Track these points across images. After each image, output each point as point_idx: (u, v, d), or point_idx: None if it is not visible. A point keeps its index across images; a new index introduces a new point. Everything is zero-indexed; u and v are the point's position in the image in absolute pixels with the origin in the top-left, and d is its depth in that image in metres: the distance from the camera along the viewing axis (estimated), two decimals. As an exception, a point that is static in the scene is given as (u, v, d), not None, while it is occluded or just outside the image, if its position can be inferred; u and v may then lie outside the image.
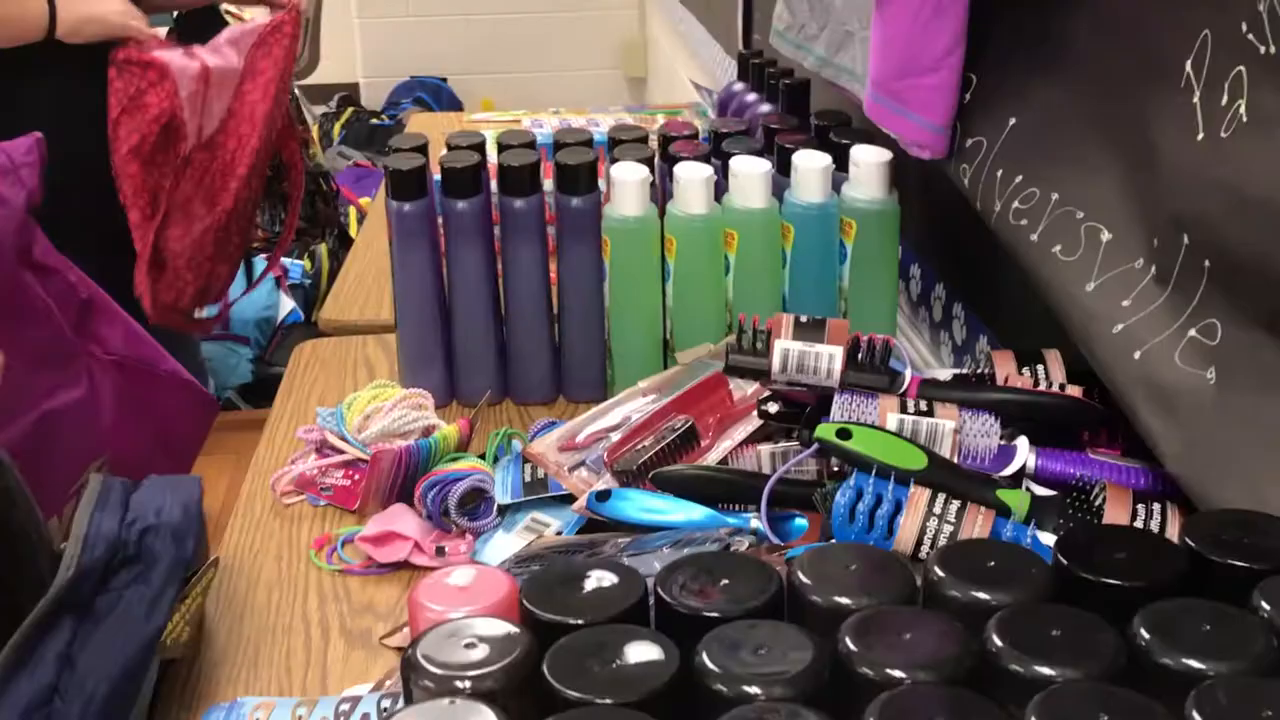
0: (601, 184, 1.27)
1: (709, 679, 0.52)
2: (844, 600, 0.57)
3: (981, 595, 0.57)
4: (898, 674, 0.52)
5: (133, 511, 0.91)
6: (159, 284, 1.88)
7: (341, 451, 1.18)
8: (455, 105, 4.21)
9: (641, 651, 0.54)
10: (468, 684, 0.53)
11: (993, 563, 0.60)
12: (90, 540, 0.85)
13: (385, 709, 0.82)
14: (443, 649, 0.55)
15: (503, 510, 1.10)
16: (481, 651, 0.55)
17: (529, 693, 0.54)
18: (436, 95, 4.21)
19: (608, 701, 0.52)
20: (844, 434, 0.81)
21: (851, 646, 0.53)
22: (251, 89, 1.85)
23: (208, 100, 1.80)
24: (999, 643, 0.53)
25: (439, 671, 0.53)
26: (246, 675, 0.94)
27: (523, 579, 0.62)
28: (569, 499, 1.08)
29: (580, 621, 0.57)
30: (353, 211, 2.92)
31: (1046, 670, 0.52)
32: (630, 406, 1.17)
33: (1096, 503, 0.80)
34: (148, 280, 1.86)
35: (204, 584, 0.96)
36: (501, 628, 0.56)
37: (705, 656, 0.53)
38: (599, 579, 0.60)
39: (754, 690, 0.51)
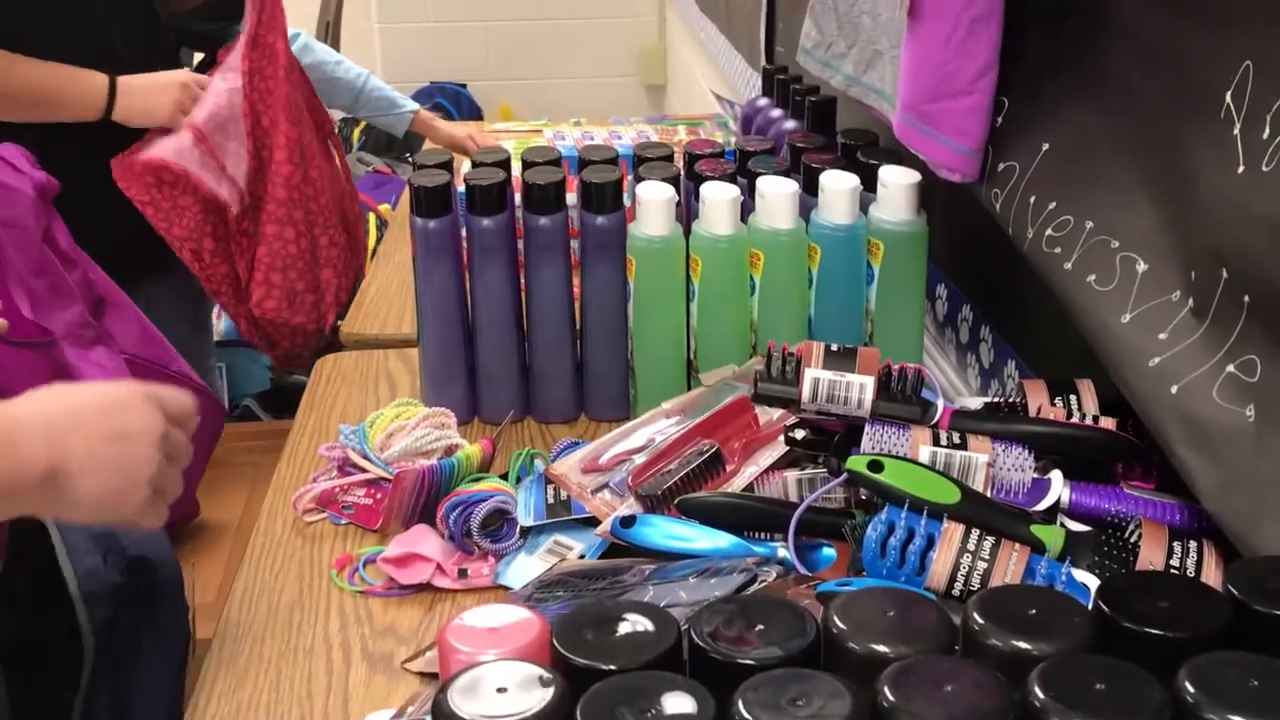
0: (625, 198, 1.26)
1: (746, 731, 0.51)
2: (882, 648, 0.56)
3: (1023, 644, 0.56)
4: (938, 727, 0.51)
5: (105, 546, 0.89)
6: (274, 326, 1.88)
7: (364, 470, 1.18)
8: (474, 111, 4.21)
9: (676, 701, 0.53)
10: (499, 731, 0.52)
11: (1033, 610, 0.59)
12: (90, 599, 0.81)
13: None
14: (473, 694, 0.54)
15: (525, 532, 1.09)
16: (513, 698, 0.54)
17: (562, 740, 0.53)
18: (456, 101, 4.21)
19: (642, 753, 0.51)
20: (875, 466, 0.80)
21: (891, 698, 0.52)
22: (267, 95, 1.84)
23: (220, 148, 1.79)
24: (1042, 695, 0.52)
25: (471, 718, 0.53)
26: (268, 699, 0.94)
27: (554, 621, 0.61)
28: (592, 522, 1.08)
29: (613, 667, 0.56)
30: (372, 218, 2.91)
31: (1091, 726, 0.51)
32: (654, 428, 1.16)
33: (1132, 540, 0.79)
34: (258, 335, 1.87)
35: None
36: (533, 673, 0.55)
37: (741, 707, 0.52)
38: (633, 622, 0.59)
39: (791, 743, 0.51)
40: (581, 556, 1.06)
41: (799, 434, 0.95)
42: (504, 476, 1.16)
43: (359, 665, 0.97)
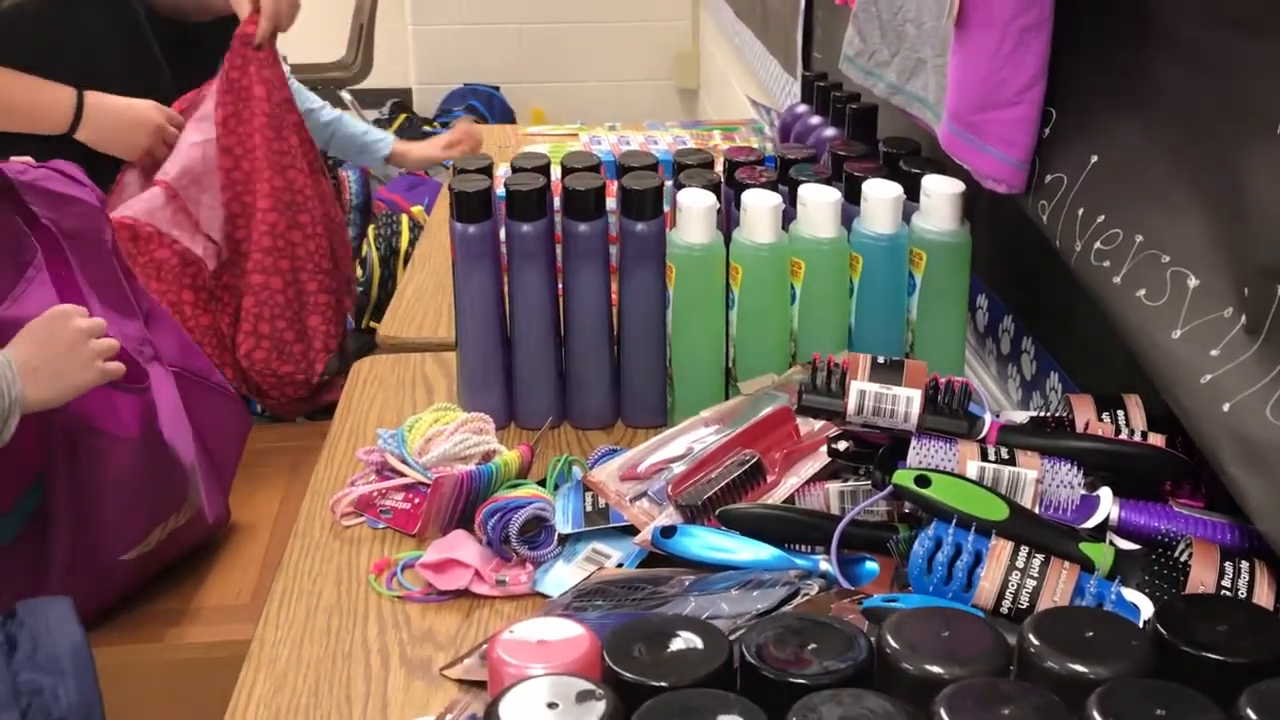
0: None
1: (801, 751, 0.51)
2: (936, 669, 0.56)
3: (1080, 668, 0.56)
4: (996, 751, 0.51)
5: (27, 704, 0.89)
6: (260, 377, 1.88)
7: (402, 474, 1.18)
8: (507, 113, 4.22)
9: (730, 718, 0.53)
10: (551, 747, 0.52)
11: (1090, 632, 0.58)
12: None
13: None
14: (524, 709, 0.54)
15: (563, 539, 1.09)
16: (564, 713, 0.53)
17: (613, 757, 0.52)
18: (489, 103, 4.22)
19: (696, 771, 0.50)
20: (923, 481, 0.80)
21: (948, 719, 0.52)
22: (245, 140, 1.83)
23: (193, 203, 1.79)
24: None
25: (522, 733, 0.52)
26: (307, 704, 0.94)
27: (605, 636, 0.61)
28: (630, 530, 1.07)
29: (665, 684, 0.56)
30: (404, 220, 2.93)
31: (1151, 753, 0.50)
32: (692, 437, 1.16)
33: (1182, 559, 0.78)
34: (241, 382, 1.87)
35: None
36: (583, 688, 0.55)
37: (796, 727, 0.52)
38: (684, 638, 0.58)
39: (847, 765, 0.50)
40: (620, 565, 1.06)
41: (842, 446, 0.95)
42: (542, 483, 1.16)
43: (397, 671, 0.97)
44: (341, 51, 3.98)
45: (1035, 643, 0.57)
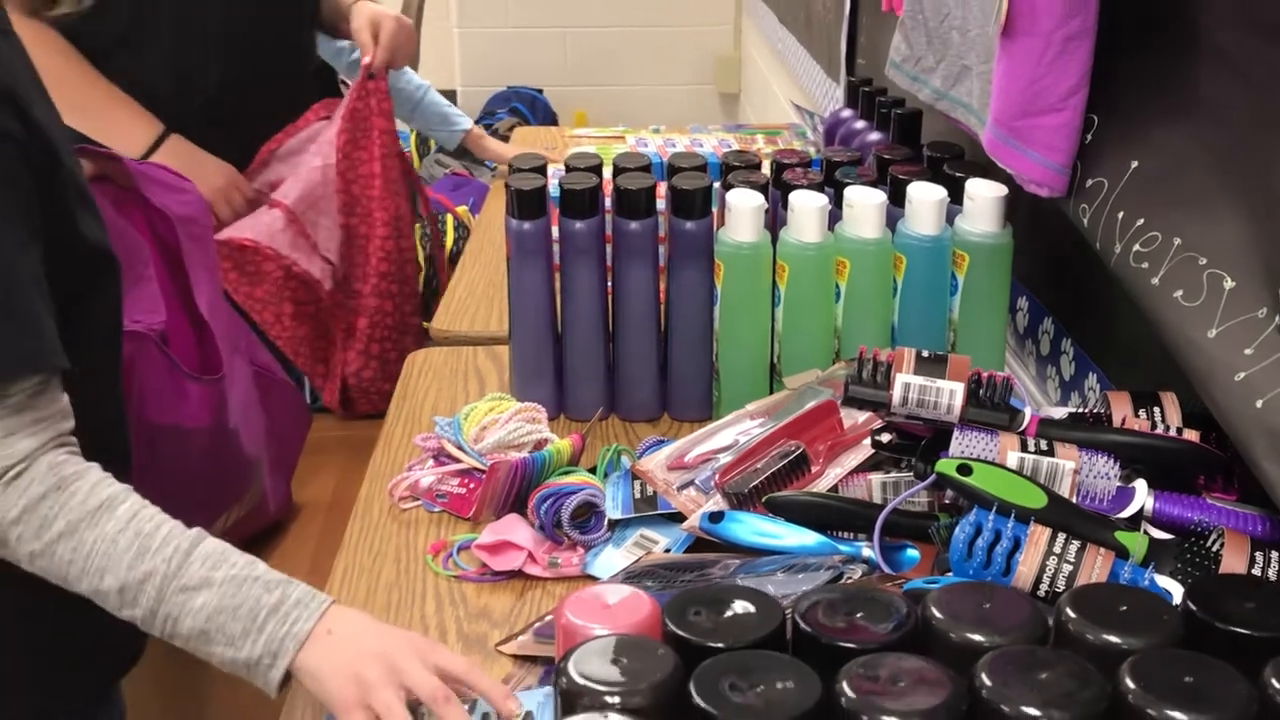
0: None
1: (852, 708, 0.55)
2: (977, 637, 0.59)
3: (1113, 638, 0.59)
4: (1033, 712, 0.54)
5: None
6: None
7: (458, 460, 1.22)
8: (550, 116, 4.26)
9: (783, 677, 0.56)
10: (617, 699, 0.56)
11: (1124, 607, 0.61)
12: None
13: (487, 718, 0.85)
14: (592, 664, 0.58)
15: (613, 525, 1.13)
16: (629, 668, 0.57)
17: (674, 711, 0.56)
18: (532, 106, 4.27)
19: (752, 724, 0.54)
20: (964, 470, 0.83)
21: (988, 683, 0.55)
22: (360, 166, 1.89)
23: (312, 225, 1.84)
24: (1132, 686, 0.55)
25: (592, 686, 0.56)
26: (369, 674, 0.98)
27: (665, 601, 0.65)
28: (677, 517, 1.11)
29: (722, 645, 0.60)
30: (449, 219, 2.98)
31: (1180, 716, 0.53)
32: (738, 429, 1.20)
33: (1214, 549, 0.81)
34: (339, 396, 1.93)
35: None
36: (648, 646, 0.59)
37: (845, 685, 0.56)
38: (739, 606, 0.62)
39: (894, 720, 0.54)
40: (667, 550, 1.10)
41: (885, 438, 0.98)
42: (592, 470, 1.20)
43: (455, 645, 1.01)
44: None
45: (1072, 615, 0.61)
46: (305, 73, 1.96)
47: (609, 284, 1.33)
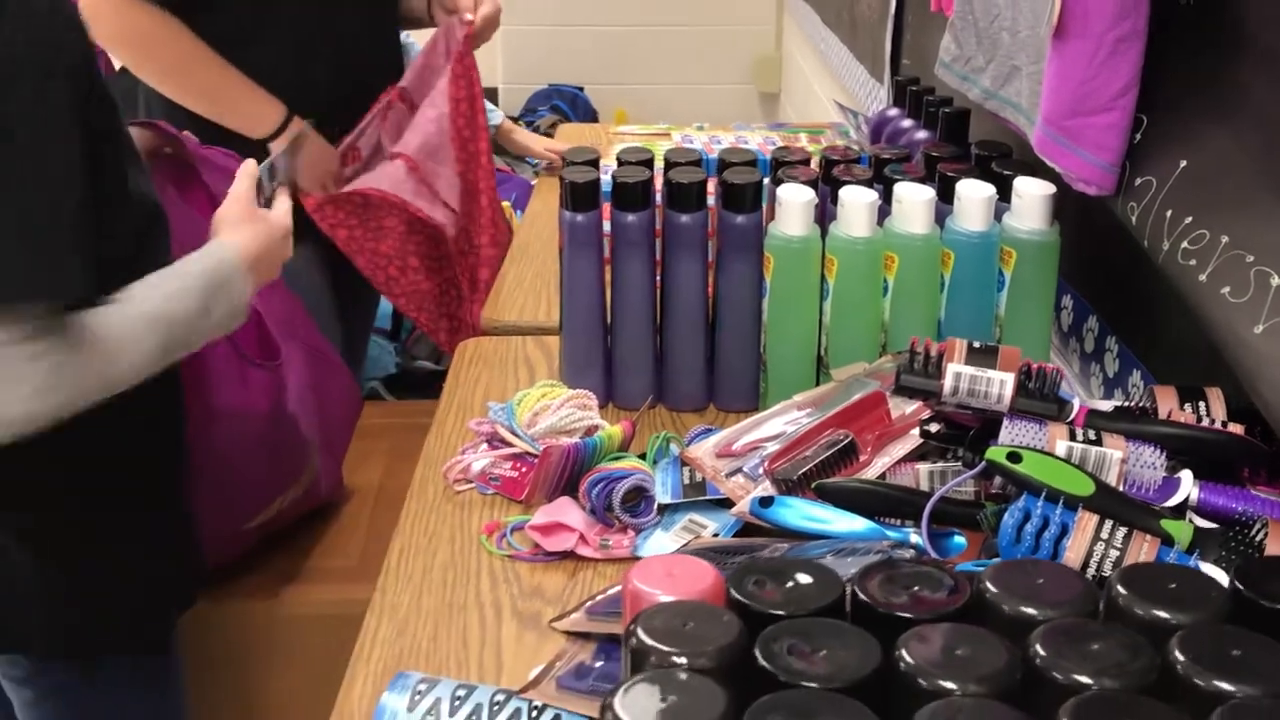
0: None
1: (911, 673, 0.57)
2: (1030, 610, 0.62)
3: (1162, 614, 0.61)
4: (1085, 680, 0.56)
5: None
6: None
7: (511, 444, 1.25)
8: (590, 113, 4.30)
9: (844, 644, 0.59)
10: (684, 660, 0.59)
11: (1173, 585, 0.64)
12: None
13: (535, 706, 0.88)
14: (660, 627, 0.61)
15: (662, 509, 1.16)
16: (695, 632, 0.60)
17: (740, 673, 0.59)
18: (573, 104, 4.30)
19: (815, 686, 0.57)
20: (1014, 457, 0.85)
21: (1042, 653, 0.58)
22: (473, 119, 1.94)
23: (432, 174, 1.88)
24: (1181, 658, 0.57)
25: (660, 647, 0.59)
26: (427, 648, 1.02)
27: (729, 571, 0.67)
28: (725, 503, 1.14)
29: (784, 613, 0.62)
30: (495, 214, 3.01)
31: (1227, 686, 0.56)
32: (786, 419, 1.22)
33: (1258, 538, 0.83)
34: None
35: None
36: (713, 612, 0.61)
37: (906, 653, 0.58)
38: (799, 577, 0.65)
39: (952, 686, 0.56)
40: (715, 534, 1.12)
41: (934, 428, 1.01)
42: (642, 456, 1.23)
43: (509, 622, 1.04)
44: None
45: (1122, 591, 0.63)
46: (400, 72, 2.00)
47: (658, 276, 1.36)
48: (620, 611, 1.01)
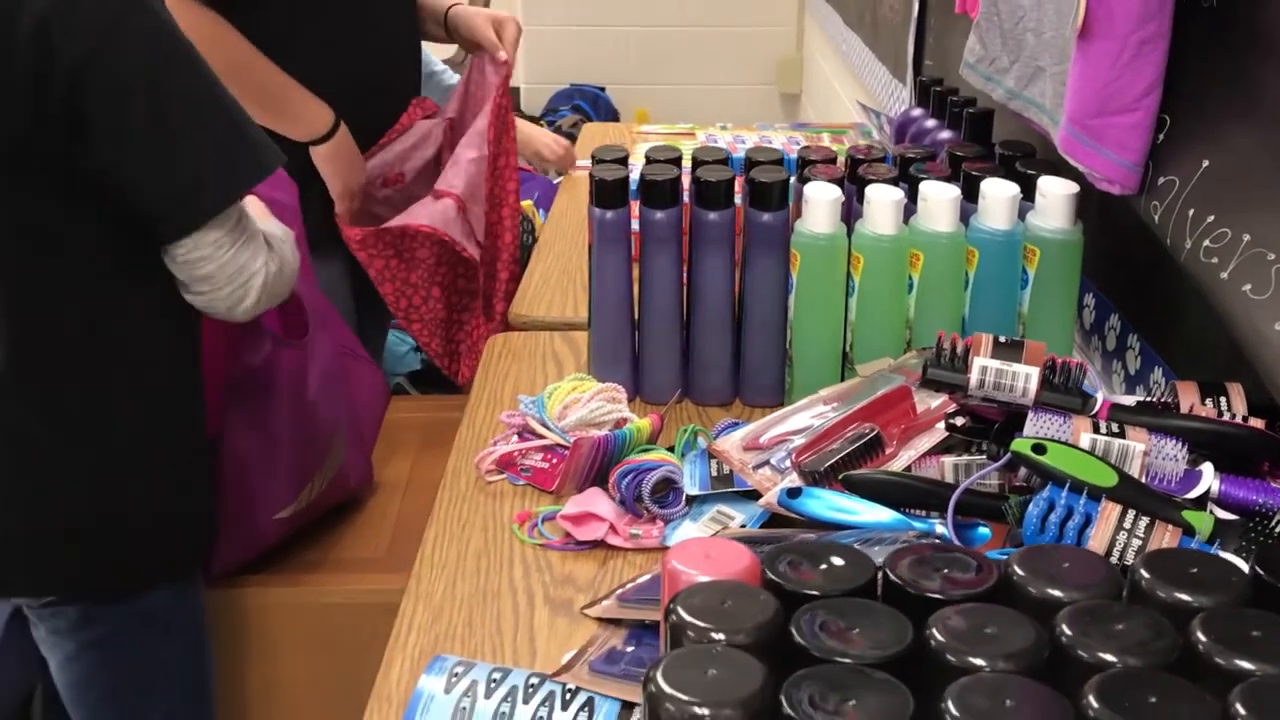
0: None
1: (941, 649, 0.59)
2: (1056, 593, 0.64)
3: (1184, 597, 0.63)
4: (1109, 658, 0.59)
5: None
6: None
7: (541, 437, 1.28)
8: (612, 113, 4.33)
9: (876, 622, 0.61)
10: (722, 635, 0.61)
11: (1195, 570, 0.66)
12: None
13: (568, 690, 0.91)
14: (699, 605, 0.63)
15: (690, 500, 1.18)
16: (733, 609, 0.63)
17: (776, 650, 0.61)
18: (594, 104, 4.33)
19: (848, 661, 0.59)
20: (1039, 449, 0.87)
21: (1068, 632, 0.60)
22: (505, 157, 1.99)
23: (473, 215, 1.92)
24: (1204, 639, 0.59)
25: (699, 623, 0.62)
26: (462, 633, 1.04)
27: (763, 554, 0.70)
28: (753, 495, 1.16)
29: (817, 593, 0.64)
30: (519, 214, 3.04)
31: (1248, 664, 0.58)
32: (812, 413, 1.24)
33: (1278, 529, 0.85)
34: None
35: None
36: (750, 591, 0.64)
37: (936, 631, 0.60)
38: (833, 559, 0.67)
39: (981, 662, 0.58)
40: (743, 525, 1.15)
41: (959, 421, 1.03)
42: (670, 449, 1.25)
43: (542, 608, 1.07)
44: (452, 50, 4.12)
45: (1145, 575, 0.65)
46: (418, 78, 2.04)
47: (685, 273, 1.39)
48: (650, 599, 1.04)
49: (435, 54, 2.34)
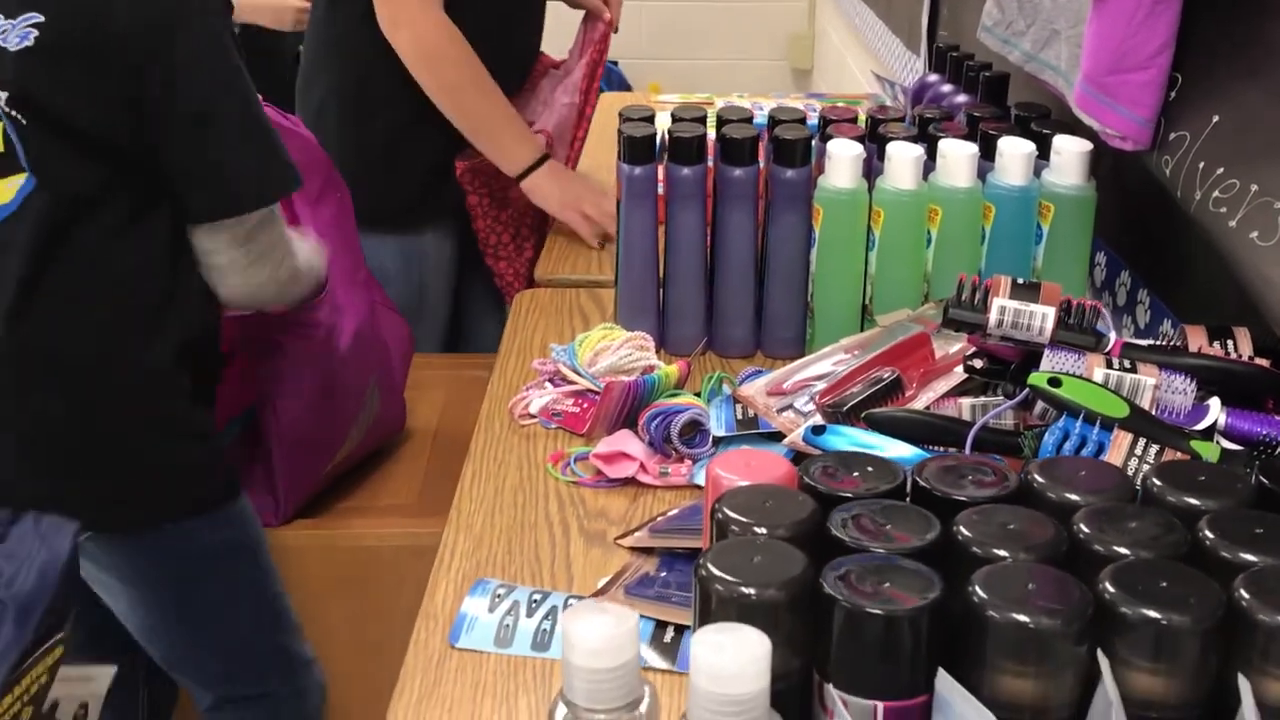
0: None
1: (967, 543, 0.65)
2: (1074, 496, 0.69)
3: (1193, 500, 0.68)
4: (1123, 551, 0.64)
5: None
6: None
7: (573, 382, 1.33)
8: (624, 87, 4.37)
9: (908, 519, 0.66)
10: (765, 530, 0.66)
11: (1202, 477, 0.71)
12: None
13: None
14: (742, 505, 0.68)
15: (717, 442, 1.23)
16: (773, 509, 0.68)
17: (814, 544, 0.66)
18: (607, 77, 4.37)
19: (882, 551, 0.64)
20: (1054, 382, 0.92)
21: (1085, 529, 0.65)
22: (586, 110, 2.06)
23: (556, 156, 1.97)
24: (1210, 535, 0.64)
25: (743, 520, 0.67)
26: (503, 559, 1.09)
27: (800, 463, 0.75)
28: (777, 437, 1.21)
29: (850, 496, 0.70)
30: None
31: (1251, 558, 0.63)
32: (834, 359, 1.29)
33: (1281, 458, 0.90)
34: None
35: (47, 664, 0.83)
36: (789, 493, 0.69)
37: (963, 527, 0.65)
38: (864, 467, 0.72)
39: (1004, 553, 0.64)
40: (768, 465, 1.20)
41: (978, 363, 1.08)
42: (696, 394, 1.31)
43: (577, 539, 1.12)
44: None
45: (1157, 483, 0.70)
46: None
47: (710, 228, 1.43)
48: (681, 528, 1.10)
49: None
